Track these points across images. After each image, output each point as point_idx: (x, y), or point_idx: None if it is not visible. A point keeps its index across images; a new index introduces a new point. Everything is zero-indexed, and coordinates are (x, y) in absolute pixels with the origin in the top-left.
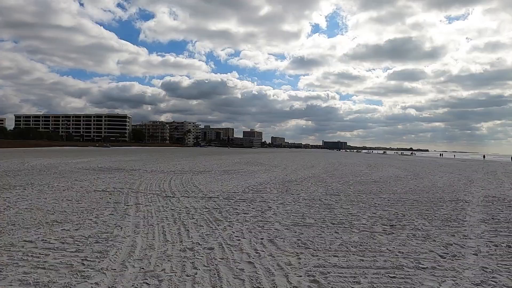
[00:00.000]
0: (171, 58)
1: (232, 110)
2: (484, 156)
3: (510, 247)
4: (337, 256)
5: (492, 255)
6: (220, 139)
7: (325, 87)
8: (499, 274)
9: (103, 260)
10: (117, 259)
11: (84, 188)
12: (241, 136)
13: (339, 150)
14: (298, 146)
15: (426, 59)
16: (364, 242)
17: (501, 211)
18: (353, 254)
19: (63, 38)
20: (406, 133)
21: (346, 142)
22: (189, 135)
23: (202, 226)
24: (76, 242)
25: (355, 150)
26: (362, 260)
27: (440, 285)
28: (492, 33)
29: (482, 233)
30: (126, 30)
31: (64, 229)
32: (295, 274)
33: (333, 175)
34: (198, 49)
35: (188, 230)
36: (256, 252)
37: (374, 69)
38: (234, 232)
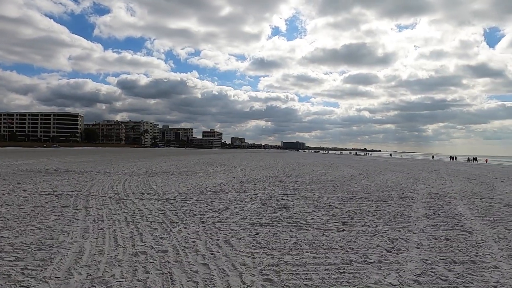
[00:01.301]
0: (128, 55)
1: (192, 110)
2: (433, 156)
3: (448, 239)
4: (291, 254)
5: (432, 247)
6: (179, 139)
7: (285, 88)
8: (437, 265)
9: (46, 268)
10: (62, 267)
11: (28, 192)
12: (200, 136)
13: (298, 150)
14: (258, 146)
15: (379, 64)
16: (317, 240)
17: (442, 206)
18: (307, 252)
19: (7, 30)
20: (360, 134)
21: (304, 143)
22: (147, 135)
23: (157, 228)
24: (16, 250)
25: (313, 151)
26: (315, 257)
27: (385, 278)
28: (436, 42)
29: (424, 227)
30: (79, 24)
31: (2, 236)
32: (249, 273)
33: (291, 175)
34: (157, 47)
35: (141, 233)
36: (211, 254)
37: (331, 73)
38: (189, 234)
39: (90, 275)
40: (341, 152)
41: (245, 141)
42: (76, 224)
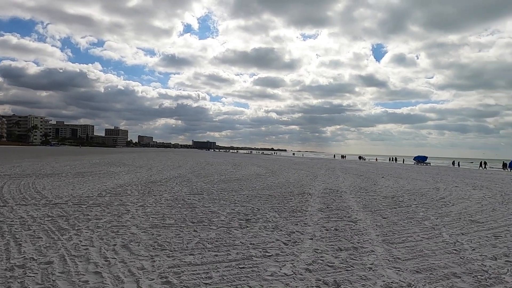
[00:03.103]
0: (13, 38)
1: (93, 106)
2: (334, 156)
3: (337, 230)
4: (193, 254)
5: (323, 238)
6: (77, 137)
7: (196, 87)
8: (326, 254)
9: None
10: None
11: None
12: (103, 134)
13: (209, 150)
14: (168, 145)
15: (286, 69)
16: (221, 238)
17: (334, 200)
18: (209, 251)
19: None
20: (268, 135)
21: (215, 142)
22: (36, 132)
23: (41, 237)
24: None
25: (223, 150)
26: (217, 255)
27: (281, 269)
28: (335, 53)
29: (318, 220)
30: None
31: None
32: (147, 278)
33: (199, 175)
34: (51, 33)
35: (20, 244)
36: (106, 261)
37: (242, 74)
38: (81, 241)
39: None
40: (250, 152)
41: (154, 140)
42: None
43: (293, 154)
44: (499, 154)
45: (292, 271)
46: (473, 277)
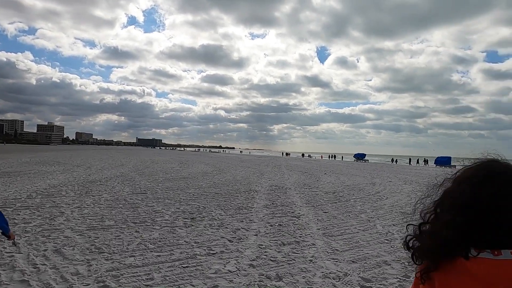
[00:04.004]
0: None
1: (23, 99)
2: (282, 154)
3: (281, 225)
4: (133, 256)
5: (267, 233)
6: (3, 133)
7: (141, 82)
8: (270, 249)
9: None
10: None
11: None
12: (34, 130)
13: (154, 147)
14: (109, 143)
15: (234, 67)
16: (164, 238)
17: (279, 197)
18: (151, 251)
19: None
20: (216, 132)
21: (161, 140)
22: None
23: None
24: None
25: (170, 148)
26: (159, 256)
27: (225, 266)
28: (282, 53)
29: (263, 216)
30: None
31: None
32: (82, 283)
33: (143, 173)
34: None
35: None
36: (35, 267)
37: (189, 70)
38: (5, 248)
39: None
40: (198, 150)
41: (94, 137)
42: None
43: (241, 152)
44: (426, 151)
45: (236, 267)
46: (401, 264)
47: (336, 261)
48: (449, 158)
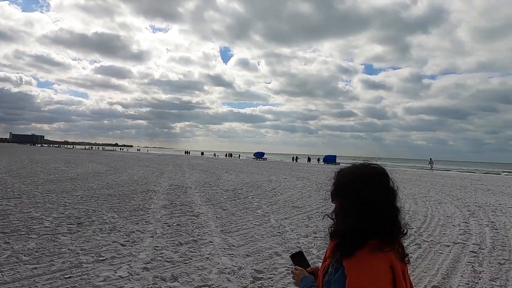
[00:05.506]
0: None
1: None
2: (185, 152)
3: (179, 225)
4: (1, 272)
5: (164, 234)
6: None
7: (18, 69)
8: (166, 250)
9: None
10: None
11: None
12: None
13: (35, 144)
14: None
15: (133, 60)
16: (42, 247)
17: (179, 196)
18: (25, 264)
19: None
20: (112, 129)
21: (43, 136)
22: None
23: None
24: None
25: (55, 146)
26: (36, 268)
27: (116, 272)
28: (185, 50)
29: (161, 217)
30: None
31: None
32: None
33: (18, 175)
34: None
35: None
36: None
37: (80, 59)
38: None
39: None
40: (90, 148)
41: None
42: None
43: (138, 150)
44: (317, 150)
45: (128, 272)
46: (289, 253)
47: (232, 256)
48: (335, 156)
